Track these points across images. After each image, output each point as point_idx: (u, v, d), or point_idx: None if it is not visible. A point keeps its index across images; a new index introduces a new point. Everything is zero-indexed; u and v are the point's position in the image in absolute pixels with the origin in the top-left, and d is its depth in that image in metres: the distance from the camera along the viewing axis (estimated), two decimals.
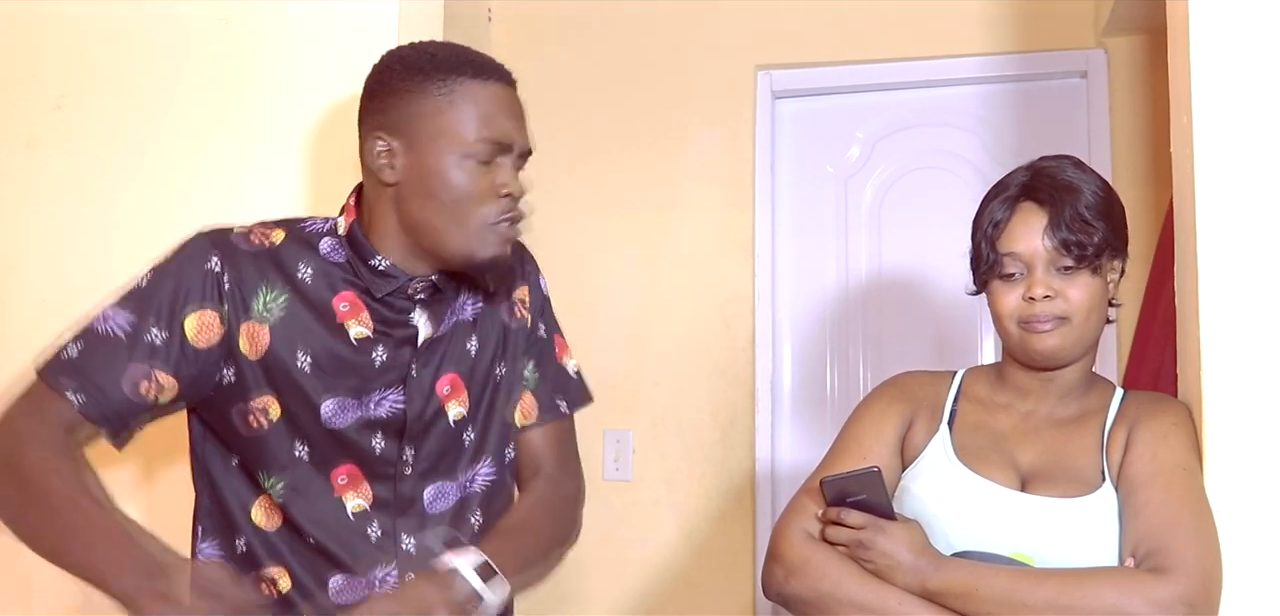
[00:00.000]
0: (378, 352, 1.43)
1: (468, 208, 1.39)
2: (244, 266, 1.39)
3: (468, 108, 1.38)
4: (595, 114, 3.08)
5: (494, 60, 1.45)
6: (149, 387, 1.36)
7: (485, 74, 1.41)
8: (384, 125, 1.40)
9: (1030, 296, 1.48)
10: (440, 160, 1.38)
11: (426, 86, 1.38)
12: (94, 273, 1.88)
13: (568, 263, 3.05)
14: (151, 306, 1.36)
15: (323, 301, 1.42)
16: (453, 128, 1.37)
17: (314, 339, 1.41)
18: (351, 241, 1.43)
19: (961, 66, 2.95)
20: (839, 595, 1.43)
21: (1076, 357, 1.53)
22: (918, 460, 1.55)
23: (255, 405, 1.40)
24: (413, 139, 1.38)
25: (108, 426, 1.36)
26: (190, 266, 1.38)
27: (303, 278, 1.42)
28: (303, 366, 1.40)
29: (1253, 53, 1.51)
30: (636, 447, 2.98)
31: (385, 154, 1.39)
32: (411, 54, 1.42)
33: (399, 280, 1.43)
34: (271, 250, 1.42)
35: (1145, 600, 1.32)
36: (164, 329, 1.36)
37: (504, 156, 1.42)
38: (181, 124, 1.89)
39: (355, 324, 1.42)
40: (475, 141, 1.38)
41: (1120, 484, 1.45)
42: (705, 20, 3.05)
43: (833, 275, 3.04)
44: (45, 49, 1.95)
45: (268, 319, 1.39)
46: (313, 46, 1.85)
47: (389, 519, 1.44)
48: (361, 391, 1.42)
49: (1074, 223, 1.47)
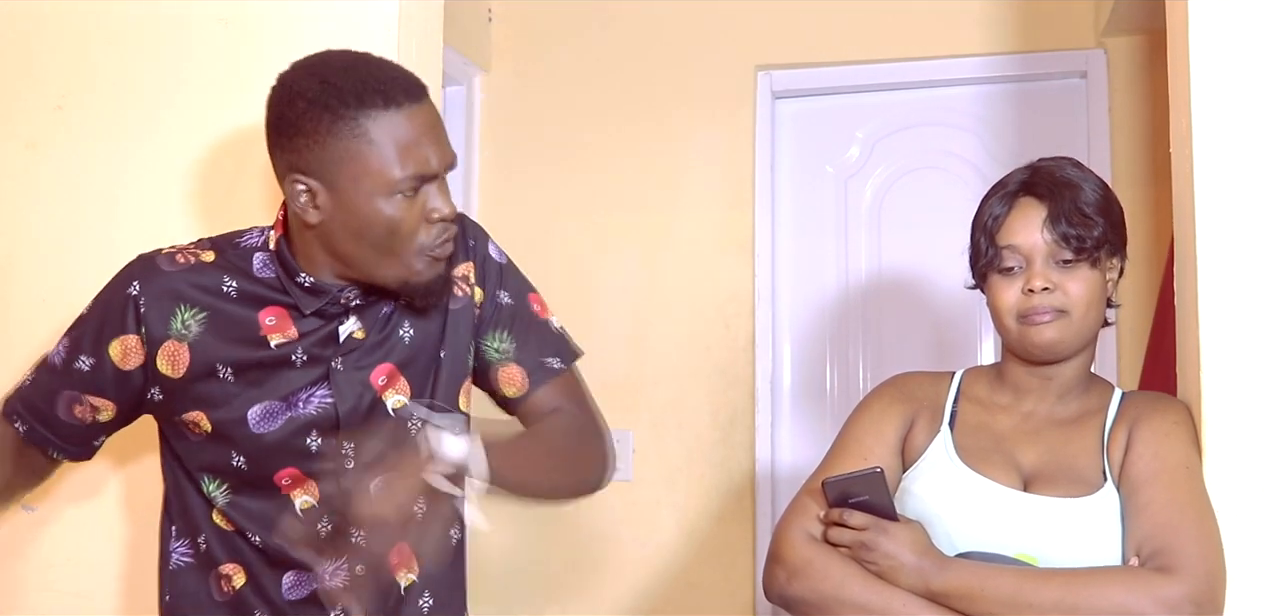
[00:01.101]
0: (298, 354, 1.43)
1: (400, 242, 1.35)
2: (162, 288, 1.42)
3: (386, 144, 1.31)
4: (595, 114, 3.08)
5: (402, 77, 1.37)
6: (83, 411, 1.46)
7: (397, 99, 1.33)
8: (299, 167, 1.34)
9: (1029, 289, 1.49)
10: (366, 202, 1.33)
11: (337, 126, 1.31)
12: (94, 273, 1.88)
13: (568, 263, 3.06)
14: (84, 335, 1.45)
15: (246, 316, 1.43)
16: (375, 169, 1.31)
17: (233, 350, 1.42)
18: (279, 259, 1.43)
19: (961, 66, 2.95)
20: (842, 597, 1.43)
21: (1075, 352, 1.53)
22: (919, 461, 1.55)
23: (187, 419, 1.43)
24: (334, 182, 1.33)
25: (48, 449, 1.51)
26: (114, 295, 1.44)
27: (227, 292, 1.43)
28: (225, 378, 1.41)
29: (1252, 53, 1.51)
30: (636, 447, 2.98)
31: (306, 195, 1.35)
32: (312, 87, 1.34)
33: (329, 293, 1.42)
34: (195, 268, 1.44)
35: (1152, 599, 1.32)
36: (92, 355, 1.44)
37: (430, 183, 1.36)
38: (181, 124, 1.89)
39: (278, 334, 1.43)
40: (400, 179, 1.32)
41: (1122, 483, 1.45)
42: (705, 20, 3.05)
43: (833, 275, 3.04)
44: (45, 49, 1.95)
45: (186, 336, 1.41)
46: (312, 46, 1.83)
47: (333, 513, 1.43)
48: (285, 392, 1.42)
49: (1073, 216, 1.48)
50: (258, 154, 1.84)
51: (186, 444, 1.45)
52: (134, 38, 1.91)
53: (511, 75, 3.15)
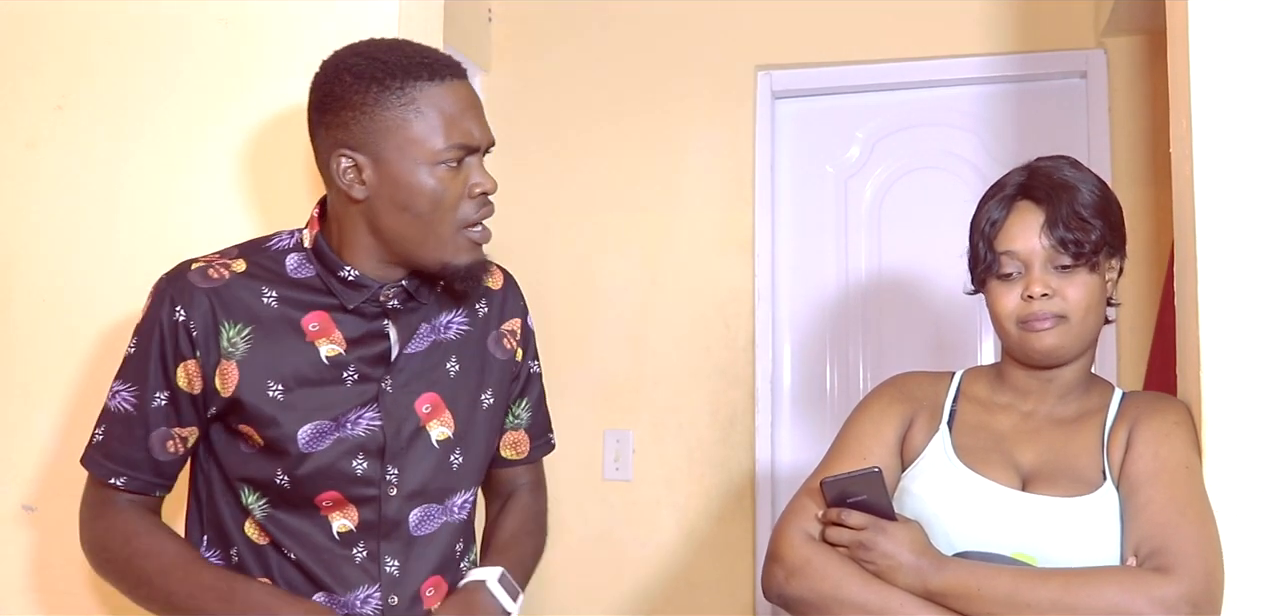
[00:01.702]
0: (350, 372, 1.42)
1: (443, 214, 1.38)
2: (205, 308, 1.39)
3: (432, 114, 1.35)
4: (595, 113, 3.09)
5: (443, 56, 1.42)
6: (174, 444, 1.43)
7: (441, 73, 1.38)
8: (346, 142, 1.37)
9: (1028, 295, 1.48)
10: (412, 172, 1.36)
11: (384, 97, 1.35)
12: (94, 273, 1.89)
13: (568, 263, 3.06)
14: (147, 374, 1.41)
15: (290, 324, 1.41)
16: (420, 137, 1.35)
17: (283, 365, 1.40)
18: (318, 255, 1.43)
19: (961, 66, 2.95)
20: (840, 596, 1.43)
21: (1075, 356, 1.53)
22: (918, 460, 1.55)
23: (242, 431, 1.42)
24: (379, 153, 1.36)
25: (153, 491, 1.46)
26: (162, 324, 1.40)
27: (267, 304, 1.41)
28: (274, 395, 1.39)
29: (1252, 53, 1.52)
30: (636, 447, 2.98)
31: (352, 170, 1.37)
32: (361, 64, 1.38)
33: (370, 288, 1.42)
34: (231, 282, 1.41)
35: (1149, 599, 1.32)
36: (164, 388, 1.41)
37: (472, 156, 1.41)
38: (181, 124, 1.89)
39: (326, 343, 1.42)
40: (444, 149, 1.36)
41: (1122, 483, 1.45)
42: (705, 20, 3.05)
43: (833, 275, 3.04)
44: (45, 49, 1.95)
45: (233, 354, 1.39)
46: (313, 46, 1.83)
47: (374, 540, 1.44)
48: (336, 412, 1.41)
49: (1071, 220, 1.47)
50: (257, 153, 1.85)
51: (236, 453, 1.43)
52: (134, 38, 1.91)
53: (511, 75, 3.16)
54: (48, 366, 1.88)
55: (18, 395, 1.89)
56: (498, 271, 1.62)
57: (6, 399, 1.90)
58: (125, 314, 1.86)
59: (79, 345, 1.87)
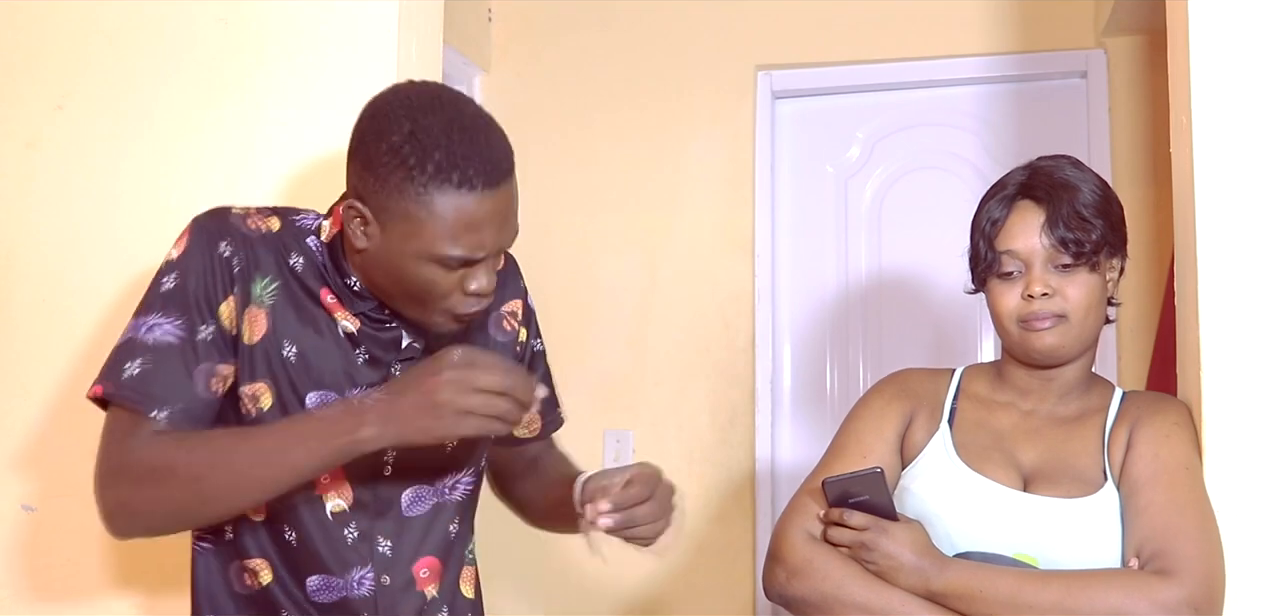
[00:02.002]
0: (360, 352, 1.42)
1: (432, 301, 1.36)
2: (247, 251, 1.38)
3: (445, 220, 1.29)
4: (595, 113, 3.08)
5: (487, 156, 1.32)
6: (216, 382, 1.37)
7: (473, 183, 1.29)
8: (361, 194, 1.33)
9: (1029, 294, 1.48)
10: (410, 260, 1.32)
11: (406, 187, 1.29)
12: (94, 273, 1.89)
13: (568, 262, 3.06)
14: (191, 304, 1.35)
15: (311, 293, 1.42)
16: (427, 237, 1.30)
17: (300, 330, 1.40)
18: (332, 254, 1.43)
19: (961, 66, 2.95)
20: (842, 596, 1.43)
21: (1076, 356, 1.53)
22: (918, 459, 1.55)
23: (247, 391, 1.39)
24: (385, 223, 1.32)
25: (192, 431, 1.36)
26: (208, 256, 1.36)
27: (293, 266, 1.41)
28: (288, 356, 1.39)
29: (1252, 53, 1.52)
30: (636, 448, 2.98)
31: (359, 222, 1.34)
32: (400, 137, 1.30)
33: (372, 301, 1.42)
34: (267, 236, 1.41)
35: (1150, 602, 1.32)
36: (209, 322, 1.35)
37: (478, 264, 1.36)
38: (181, 124, 1.89)
39: (343, 316, 1.42)
40: (448, 256, 1.31)
41: (1122, 484, 1.45)
42: (705, 20, 3.05)
43: (833, 275, 3.04)
44: (45, 49, 1.95)
45: (263, 304, 1.39)
46: (312, 46, 1.84)
47: (367, 520, 1.44)
48: (344, 387, 1.41)
49: (1072, 220, 1.47)
50: (258, 153, 1.85)
51: (236, 420, 1.40)
52: (133, 38, 1.91)
53: (511, 75, 3.16)
54: (48, 366, 1.88)
55: (18, 395, 1.89)
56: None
57: (6, 399, 1.90)
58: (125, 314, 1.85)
59: (79, 344, 1.87)
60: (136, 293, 1.91)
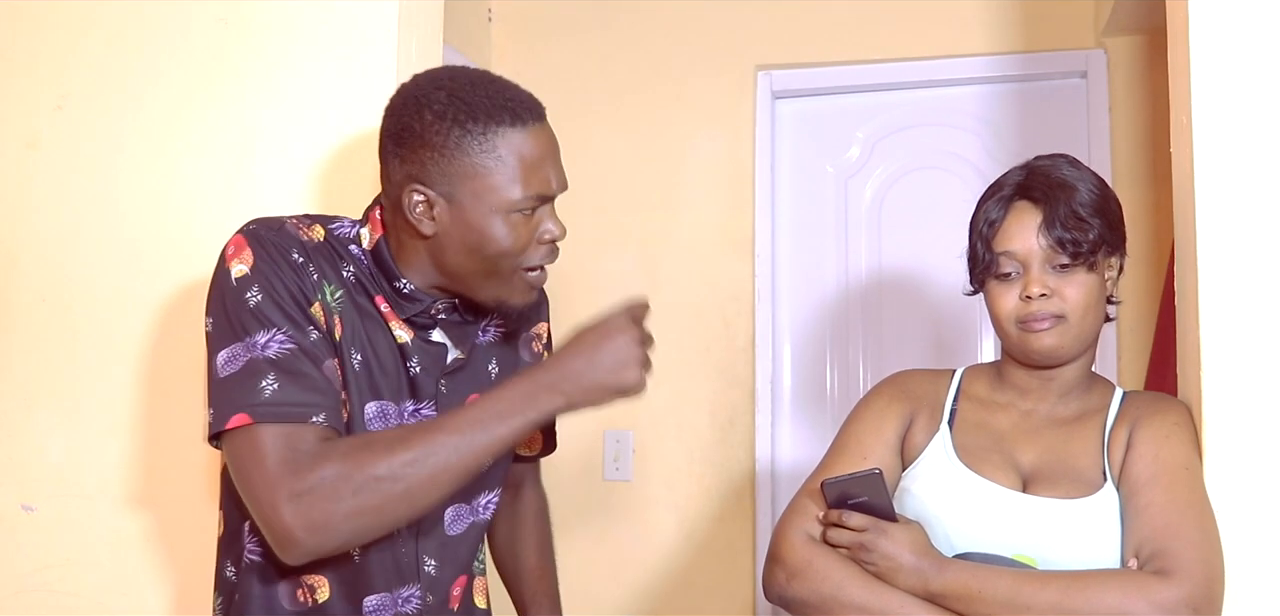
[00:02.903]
0: (414, 363, 1.41)
1: (510, 260, 1.36)
2: (314, 260, 1.35)
3: (512, 162, 1.32)
4: (595, 114, 3.08)
5: (527, 97, 1.38)
6: (337, 380, 1.33)
7: (524, 118, 1.34)
8: (420, 178, 1.33)
9: (1027, 295, 1.48)
10: (486, 218, 1.33)
11: (465, 142, 1.31)
12: (94, 272, 1.89)
13: (568, 262, 3.04)
14: (289, 313, 1.30)
15: (367, 299, 1.40)
16: (499, 186, 1.32)
17: (366, 339, 1.38)
18: (377, 259, 1.41)
19: (962, 66, 2.95)
20: (841, 598, 1.43)
21: (1075, 356, 1.53)
22: (918, 460, 1.55)
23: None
24: (454, 194, 1.32)
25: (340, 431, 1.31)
26: (286, 264, 1.32)
27: (346, 276, 1.39)
28: (352, 363, 1.36)
29: (1253, 53, 1.51)
30: (636, 447, 2.98)
31: (423, 206, 1.34)
32: (443, 102, 1.32)
33: (423, 303, 1.41)
34: (320, 246, 1.38)
35: (1149, 603, 1.32)
36: (310, 326, 1.31)
37: (546, 204, 1.38)
38: (181, 124, 1.89)
39: (397, 325, 1.41)
40: (522, 199, 1.33)
41: (1122, 484, 1.45)
42: (705, 20, 3.05)
43: (833, 275, 3.04)
44: (45, 49, 1.95)
45: (333, 308, 1.36)
46: (312, 46, 1.85)
47: (412, 539, 1.43)
48: (401, 399, 1.40)
49: (1069, 220, 1.47)
50: (258, 153, 1.85)
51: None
52: (133, 37, 1.91)
53: (511, 75, 3.09)
54: (48, 366, 1.88)
55: (18, 395, 1.90)
56: None
57: (6, 399, 1.90)
58: (125, 313, 1.86)
59: (79, 345, 1.87)
60: (136, 292, 1.92)
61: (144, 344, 1.85)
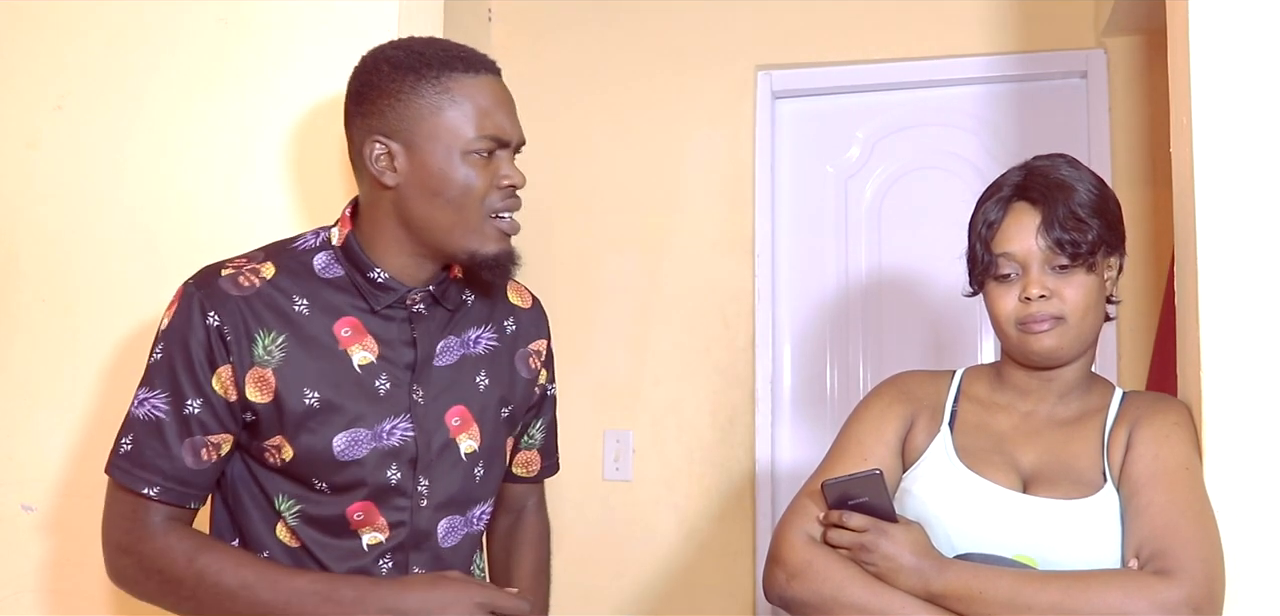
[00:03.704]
0: (382, 380, 1.42)
1: (472, 202, 1.39)
2: (238, 315, 1.37)
3: (465, 105, 1.39)
4: (595, 114, 3.09)
5: (480, 52, 1.45)
6: (207, 452, 1.40)
7: (476, 67, 1.41)
8: (380, 129, 1.39)
9: (1026, 297, 1.48)
10: (443, 159, 1.38)
11: (420, 87, 1.38)
12: (94, 273, 1.89)
13: (568, 262, 3.06)
14: (179, 379, 1.37)
15: (323, 330, 1.41)
16: (453, 126, 1.38)
17: (318, 374, 1.39)
18: (348, 254, 1.43)
19: (961, 66, 2.95)
20: (842, 598, 1.43)
21: (1075, 357, 1.53)
22: (919, 461, 1.55)
23: (269, 444, 1.40)
24: (412, 140, 1.38)
25: (188, 502, 1.40)
26: (194, 329, 1.37)
27: (299, 311, 1.41)
28: (311, 404, 1.39)
29: (1253, 53, 1.51)
30: (636, 447, 2.98)
31: (385, 157, 1.39)
32: (399, 54, 1.41)
33: (397, 292, 1.43)
34: (262, 290, 1.40)
35: (1150, 603, 1.32)
36: (197, 395, 1.37)
37: (503, 150, 1.43)
38: (181, 124, 1.89)
39: (358, 348, 1.42)
40: (476, 138, 1.39)
41: (1122, 484, 1.45)
42: (705, 20, 3.05)
43: (833, 275, 3.04)
44: (45, 49, 1.95)
45: (270, 362, 1.38)
46: (312, 46, 1.85)
47: (403, 553, 1.44)
48: (373, 421, 1.41)
49: (1067, 221, 1.47)
50: (258, 153, 1.85)
51: (262, 468, 1.42)
52: (134, 38, 1.92)
53: (511, 75, 3.12)
54: (48, 366, 1.88)
55: (18, 395, 1.90)
56: (527, 293, 1.65)
57: (6, 399, 1.90)
58: (124, 313, 1.86)
59: (79, 345, 1.87)
60: (136, 292, 1.92)
61: (144, 344, 1.85)
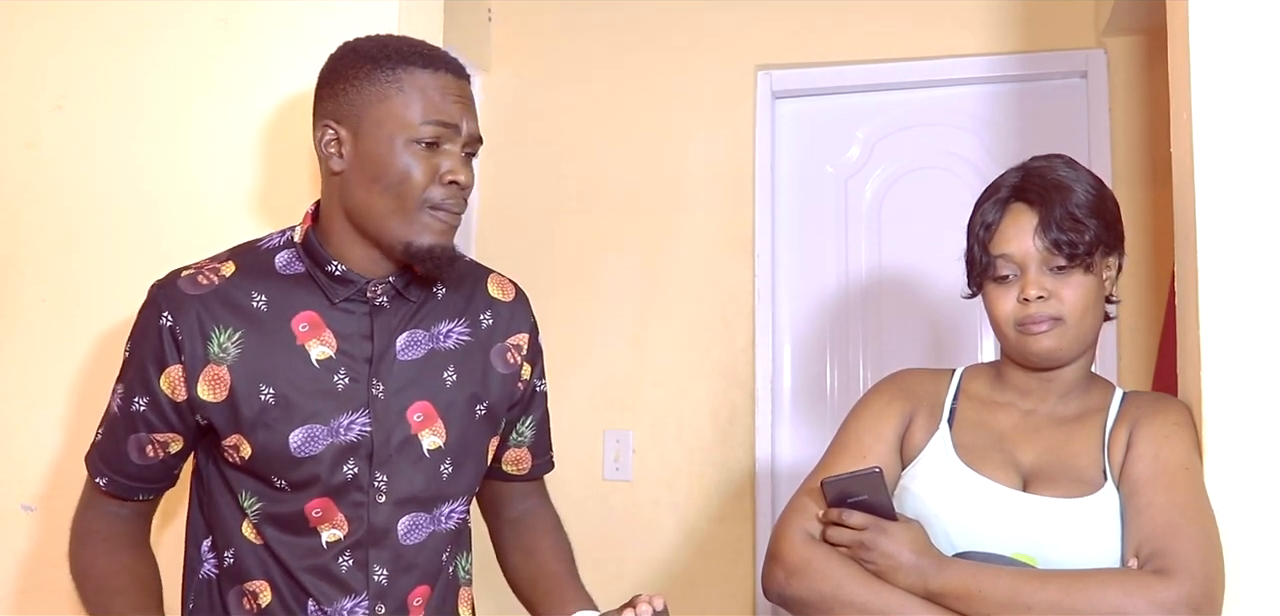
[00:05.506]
0: (340, 375, 1.42)
1: (410, 192, 1.38)
2: (192, 313, 1.39)
3: (414, 94, 1.38)
4: (595, 114, 3.09)
5: (448, 54, 1.45)
6: (153, 449, 1.44)
7: (435, 64, 1.41)
8: (333, 114, 1.40)
9: (1024, 298, 1.48)
10: (386, 146, 1.37)
11: (375, 74, 1.38)
12: (94, 273, 1.89)
13: (568, 262, 3.06)
14: (133, 378, 1.42)
15: (280, 326, 1.41)
16: (398, 112, 1.37)
17: (274, 370, 1.40)
18: (308, 248, 1.44)
19: (962, 66, 2.95)
20: (841, 596, 1.43)
21: (1074, 357, 1.53)
22: (918, 459, 1.55)
23: (228, 443, 1.41)
24: (359, 125, 1.38)
25: (135, 495, 1.48)
26: (149, 329, 1.41)
27: (257, 307, 1.41)
28: (267, 400, 1.39)
29: (1253, 53, 1.52)
30: (636, 447, 2.98)
31: (333, 142, 1.40)
32: (365, 44, 1.42)
33: (356, 284, 1.43)
34: (220, 287, 1.41)
35: (1149, 602, 1.32)
36: (145, 394, 1.41)
37: (450, 142, 1.40)
38: (181, 124, 1.89)
39: (316, 343, 1.42)
40: (419, 125, 1.37)
41: (1122, 484, 1.45)
42: (705, 20, 3.05)
43: (833, 275, 3.04)
44: (45, 49, 1.95)
45: (225, 359, 1.39)
46: (313, 46, 1.84)
47: (362, 550, 1.43)
48: (329, 417, 1.41)
49: (1065, 222, 1.47)
50: (257, 152, 1.85)
51: (225, 465, 1.44)
52: (134, 38, 1.92)
53: (511, 75, 3.16)
54: (47, 366, 1.88)
55: (18, 395, 1.90)
56: (510, 285, 1.62)
57: (6, 399, 1.90)
58: (125, 314, 1.86)
59: (79, 345, 1.87)
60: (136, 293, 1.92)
61: None
